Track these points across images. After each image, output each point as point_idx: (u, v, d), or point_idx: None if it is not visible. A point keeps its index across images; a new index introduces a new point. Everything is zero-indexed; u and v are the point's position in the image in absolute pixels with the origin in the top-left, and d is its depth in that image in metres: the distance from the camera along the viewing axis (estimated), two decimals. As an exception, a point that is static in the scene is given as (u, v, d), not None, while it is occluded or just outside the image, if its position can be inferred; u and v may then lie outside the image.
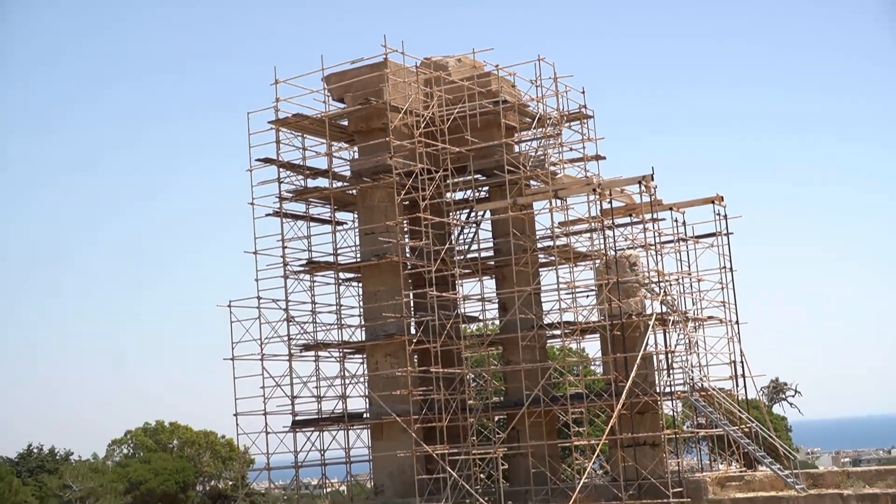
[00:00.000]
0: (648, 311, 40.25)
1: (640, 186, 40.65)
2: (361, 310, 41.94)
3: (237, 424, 40.94)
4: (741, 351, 42.38)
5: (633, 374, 37.92)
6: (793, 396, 74.63)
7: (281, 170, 41.71)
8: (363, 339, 41.41)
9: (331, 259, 42.44)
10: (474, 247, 44.09)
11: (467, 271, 43.32)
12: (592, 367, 48.11)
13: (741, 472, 39.35)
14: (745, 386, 42.74)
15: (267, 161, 41.41)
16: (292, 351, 41.08)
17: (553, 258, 42.30)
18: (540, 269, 42.80)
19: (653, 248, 41.13)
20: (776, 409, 68.93)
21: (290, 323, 41.20)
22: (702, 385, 40.72)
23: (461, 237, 44.02)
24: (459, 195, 44.28)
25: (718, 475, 38.75)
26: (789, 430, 67.98)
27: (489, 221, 43.85)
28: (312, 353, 42.12)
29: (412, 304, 41.04)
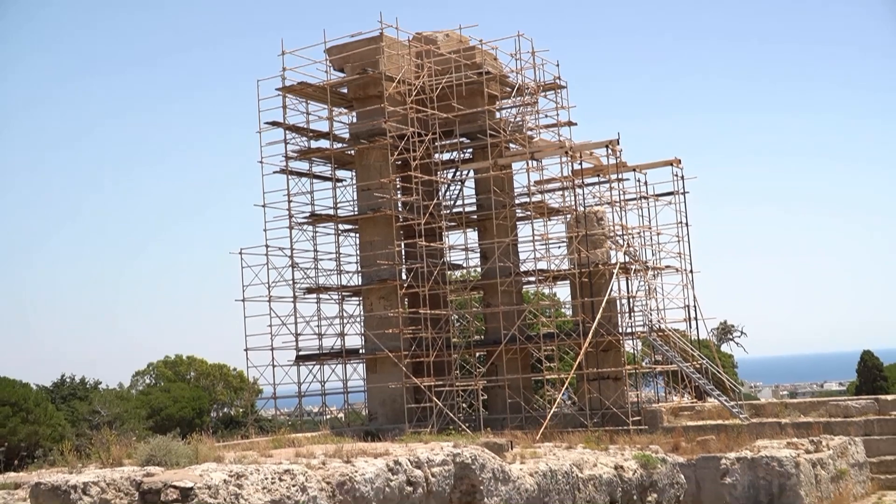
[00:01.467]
0: (613, 261, 40.37)
1: (606, 150, 40.81)
2: (358, 257, 41.93)
3: (247, 358, 41.05)
4: (694, 297, 42.56)
5: (598, 316, 38.07)
6: (739, 337, 74.84)
7: (287, 132, 41.71)
8: (360, 283, 41.53)
9: (331, 212, 42.49)
10: (459, 202, 44.18)
11: (452, 224, 43.38)
12: (563, 310, 48.15)
13: (692, 403, 39.57)
14: (697, 328, 42.96)
15: (274, 124, 41.41)
16: (296, 293, 41.18)
17: (529, 213, 42.47)
18: (517, 223, 42.90)
19: (617, 204, 41.39)
20: (724, 348, 69.11)
21: (295, 269, 41.27)
22: (659, 326, 40.91)
23: (447, 194, 44.05)
24: (446, 156, 44.25)
25: (672, 405, 38.97)
26: (735, 366, 68.24)
27: (472, 180, 43.86)
28: (314, 295, 42.22)
29: (403, 253, 41.13)
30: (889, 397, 35.04)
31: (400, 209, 40.13)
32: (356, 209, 41.78)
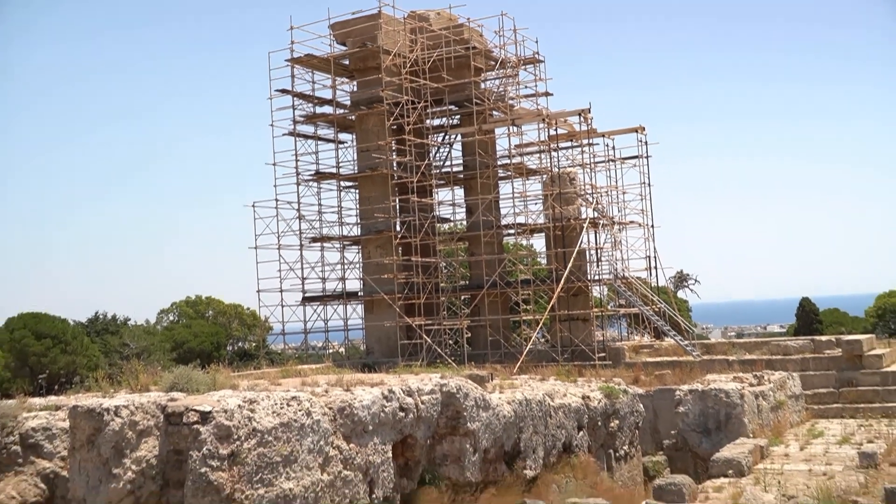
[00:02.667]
0: (583, 216, 40.47)
1: (579, 118, 40.78)
2: (358, 211, 41.96)
3: (259, 299, 41.24)
4: (654, 248, 42.68)
5: (569, 265, 38.19)
6: (693, 284, 75.19)
7: (295, 99, 41.63)
8: (359, 234, 41.61)
9: (334, 170, 42.50)
10: (447, 163, 44.25)
11: (441, 182, 43.41)
12: (538, 259, 48.25)
13: (651, 341, 39.79)
14: (656, 276, 43.14)
15: (283, 92, 41.29)
16: (303, 242, 41.30)
17: (509, 173, 42.46)
18: (499, 182, 42.86)
19: (588, 166, 41.44)
20: (680, 294, 69.41)
21: (302, 220, 41.36)
22: (623, 274, 41.05)
23: (437, 155, 44.06)
24: (436, 122, 44.17)
25: (634, 344, 39.18)
26: (690, 310, 68.60)
27: (459, 143, 43.85)
28: (319, 244, 42.31)
29: (398, 208, 41.18)
30: (823, 338, 35.30)
31: (395, 168, 40.19)
32: (356, 168, 41.74)
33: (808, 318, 69.08)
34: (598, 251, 41.05)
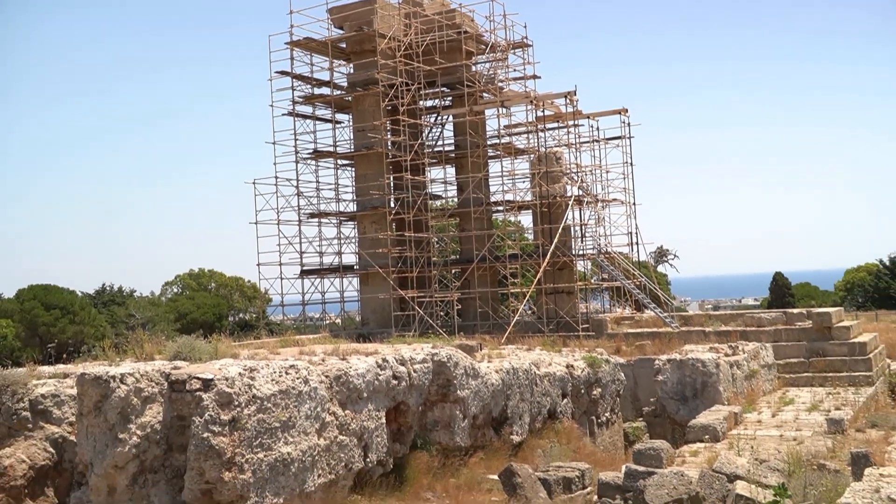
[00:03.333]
0: (568, 194, 40.42)
1: (565, 100, 40.69)
2: (354, 188, 41.88)
3: (259, 272, 41.23)
4: (636, 225, 42.73)
5: (555, 240, 38.23)
6: (672, 259, 75.32)
7: (294, 80, 41.37)
8: (355, 210, 41.55)
9: (331, 149, 42.35)
10: (439, 142, 44.11)
11: (434, 161, 43.28)
12: (525, 235, 48.29)
13: (632, 313, 39.94)
14: (637, 251, 43.25)
15: (283, 73, 41.05)
16: (301, 218, 41.22)
17: (498, 152, 42.47)
18: (488, 160, 42.79)
19: (573, 146, 41.34)
20: (660, 268, 69.55)
21: (300, 197, 41.23)
22: (606, 249, 41.12)
23: (430, 135, 43.90)
24: (429, 103, 44.00)
25: (616, 316, 39.32)
26: (669, 284, 68.83)
27: (451, 123, 43.70)
28: (316, 220, 42.25)
29: (392, 185, 41.08)
30: (794, 310, 35.46)
31: (389, 147, 40.03)
32: (352, 147, 41.65)
33: (781, 291, 69.41)
34: (583, 227, 41.10)
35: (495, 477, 15.32)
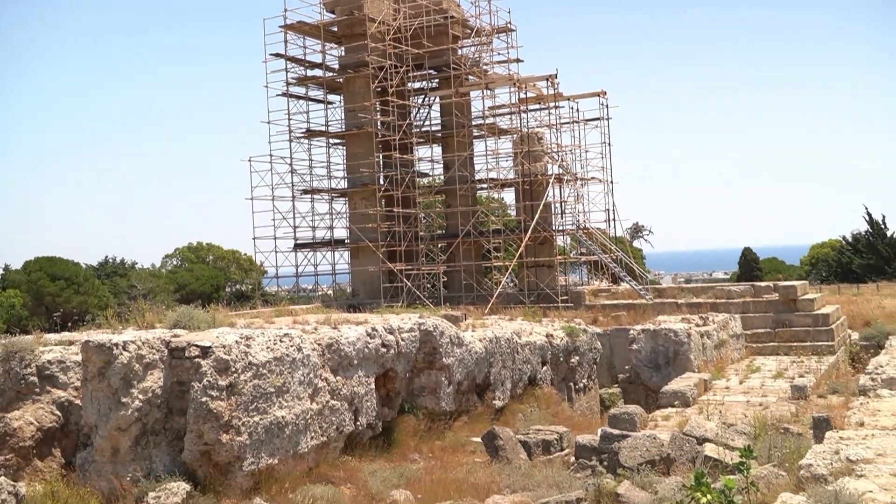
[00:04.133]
0: (549, 173, 40.45)
1: (547, 82, 40.62)
2: (345, 166, 41.76)
3: (255, 245, 41.21)
4: (613, 202, 42.86)
5: (536, 216, 38.29)
6: (647, 235, 75.65)
7: (287, 62, 41.17)
8: (346, 186, 41.45)
9: (323, 129, 42.20)
10: (427, 123, 44.01)
11: (421, 140, 43.22)
12: (508, 211, 48.31)
13: (609, 286, 40.06)
14: (614, 227, 43.36)
15: (277, 56, 40.82)
16: (295, 194, 41.17)
17: (483, 132, 42.39)
18: (473, 140, 42.73)
19: (554, 127, 41.30)
20: (635, 243, 69.78)
21: (294, 174, 41.14)
22: (584, 225, 41.20)
23: (417, 115, 43.78)
24: (417, 85, 43.89)
25: (593, 288, 39.44)
26: (644, 258, 69.03)
27: (438, 105, 43.55)
28: (309, 196, 42.17)
29: (381, 163, 41.00)
30: (762, 284, 35.65)
31: (379, 127, 39.91)
32: (343, 127, 41.50)
33: (750, 265, 69.75)
34: (563, 204, 41.18)
35: (478, 439, 15.42)
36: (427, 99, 43.88)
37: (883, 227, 63.48)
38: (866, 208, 63.89)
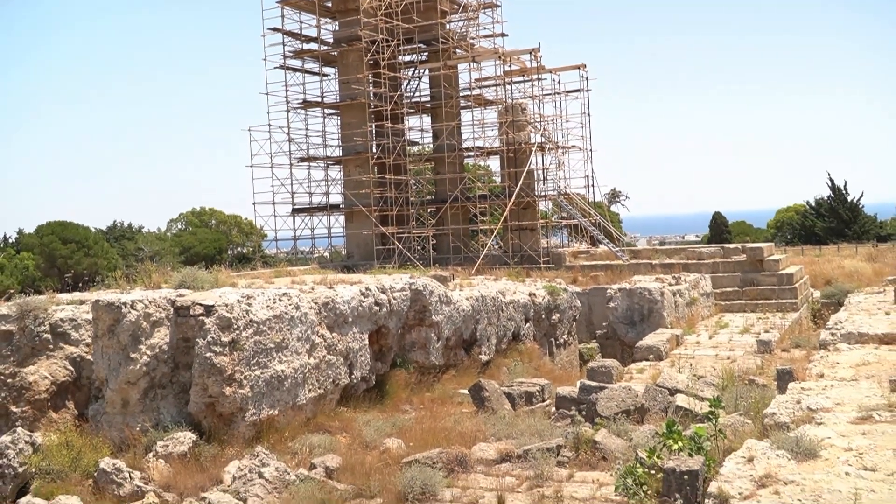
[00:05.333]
0: (532, 141, 40.28)
1: (530, 56, 40.32)
2: (339, 135, 41.50)
3: (255, 210, 41.05)
4: (592, 169, 42.73)
5: (520, 182, 38.22)
6: (624, 200, 75.69)
7: (284, 36, 40.66)
8: (340, 154, 41.20)
9: (319, 100, 41.81)
10: (417, 94, 43.68)
11: (411, 110, 42.88)
12: (493, 178, 48.19)
13: (588, 248, 40.15)
14: (593, 193, 43.28)
15: (275, 30, 40.32)
16: (292, 162, 40.85)
17: (470, 103, 42.13)
18: (460, 110, 42.44)
19: (537, 98, 41.10)
20: (613, 208, 69.81)
21: (291, 143, 40.80)
22: (565, 191, 41.14)
23: (408, 87, 43.44)
24: (408, 58, 43.45)
25: (573, 250, 39.50)
26: (620, 222, 69.08)
27: (427, 77, 43.21)
28: (306, 163, 41.90)
29: (374, 132, 40.74)
30: (731, 246, 35.79)
31: (371, 98, 39.62)
32: (338, 98, 41.14)
33: (719, 229, 69.93)
34: (545, 171, 41.06)
35: (466, 391, 15.51)
36: (417, 71, 43.53)
37: (844, 192, 63.68)
38: (829, 175, 64.01)
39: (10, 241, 61.52)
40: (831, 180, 64.12)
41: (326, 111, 42.21)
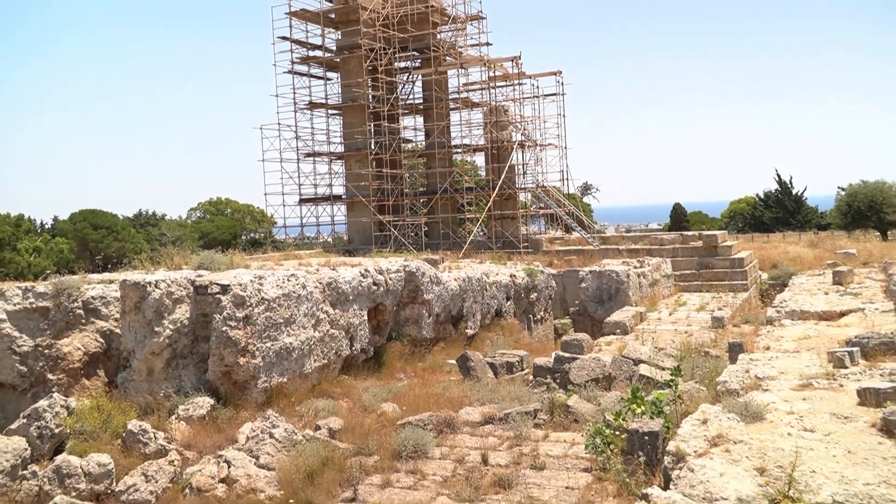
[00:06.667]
0: (513, 140, 40.21)
1: (512, 63, 40.20)
2: (342, 133, 41.32)
3: (266, 200, 41.06)
4: (566, 165, 42.67)
5: (503, 176, 38.19)
6: (595, 192, 75.72)
7: (292, 44, 40.36)
8: (343, 150, 41.04)
9: (323, 101, 41.60)
10: (411, 96, 43.48)
11: (406, 112, 42.73)
12: (479, 172, 48.12)
13: (563, 235, 40.21)
14: (567, 185, 43.27)
15: (284, 38, 40.00)
16: (299, 157, 40.69)
17: (458, 105, 41.97)
18: (450, 112, 42.31)
19: (518, 101, 40.98)
20: (585, 199, 69.84)
21: (298, 140, 40.61)
22: (543, 184, 41.12)
23: (403, 90, 43.24)
24: (403, 64, 43.22)
25: (549, 236, 39.57)
26: (592, 212, 69.20)
27: (420, 81, 43.03)
28: (311, 158, 41.72)
29: (372, 130, 40.58)
30: (689, 233, 35.88)
31: (370, 100, 39.44)
32: (340, 99, 40.93)
33: (679, 218, 70.13)
34: (524, 166, 40.98)
35: (453, 362, 15.55)
36: (411, 76, 43.32)
37: (789, 186, 63.93)
38: (776, 171, 64.34)
39: (47, 227, 61.25)
40: (778, 175, 64.34)
41: (330, 112, 42.01)
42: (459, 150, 43.57)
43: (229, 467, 9.79)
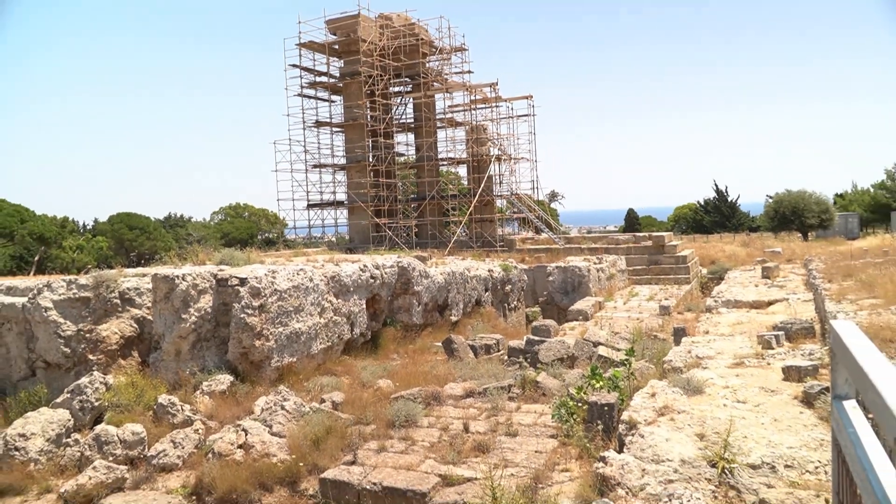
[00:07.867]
0: (491, 154, 40.23)
1: (490, 88, 40.17)
2: (344, 147, 41.18)
3: (278, 205, 41.04)
4: (537, 175, 42.71)
5: (482, 185, 38.18)
6: (561, 199, 75.89)
7: (301, 71, 40.18)
8: (345, 163, 40.92)
9: (328, 120, 41.45)
10: (403, 117, 43.44)
11: (399, 129, 42.64)
12: (462, 181, 48.10)
13: (533, 236, 40.26)
14: (537, 193, 43.33)
15: (294, 66, 39.80)
16: (307, 168, 40.52)
17: (444, 124, 41.96)
18: (437, 129, 42.27)
19: (495, 121, 40.98)
20: (552, 205, 69.97)
21: (306, 153, 40.43)
22: (516, 192, 41.17)
23: (396, 111, 43.16)
24: (396, 89, 43.13)
25: (521, 237, 39.61)
26: (558, 215, 69.37)
27: (411, 104, 42.95)
28: (318, 169, 41.57)
29: (370, 145, 40.46)
30: (640, 234, 36.00)
31: (368, 120, 39.33)
32: (343, 119, 40.81)
33: (632, 221, 70.42)
34: (501, 176, 40.99)
35: (440, 344, 15.55)
36: (403, 99, 43.23)
37: (725, 194, 64.34)
38: (714, 181, 64.85)
39: (88, 227, 60.64)
40: (716, 185, 64.74)
41: (334, 129, 41.86)
42: (445, 163, 43.56)
43: (246, 435, 9.75)
